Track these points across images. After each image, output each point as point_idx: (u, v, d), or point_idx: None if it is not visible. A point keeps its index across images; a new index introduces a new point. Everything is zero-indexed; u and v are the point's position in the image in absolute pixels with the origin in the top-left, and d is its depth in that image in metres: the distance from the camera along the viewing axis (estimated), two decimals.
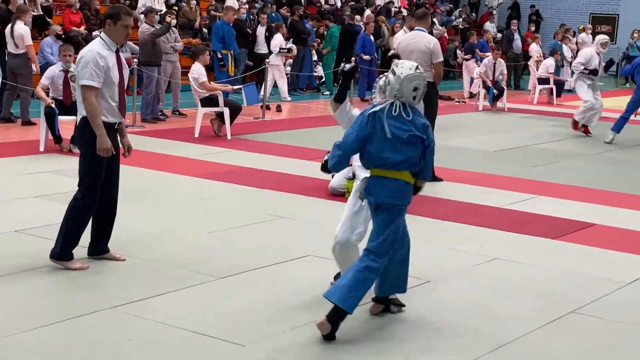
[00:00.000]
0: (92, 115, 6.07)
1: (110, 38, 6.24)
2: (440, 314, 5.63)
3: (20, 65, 12.77)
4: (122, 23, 6.23)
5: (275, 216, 7.93)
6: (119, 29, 6.23)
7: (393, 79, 5.17)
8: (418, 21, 10.22)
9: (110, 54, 6.19)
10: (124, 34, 6.28)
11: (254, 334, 5.09)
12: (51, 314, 5.23)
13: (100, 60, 6.07)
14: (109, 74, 6.13)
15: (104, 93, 6.14)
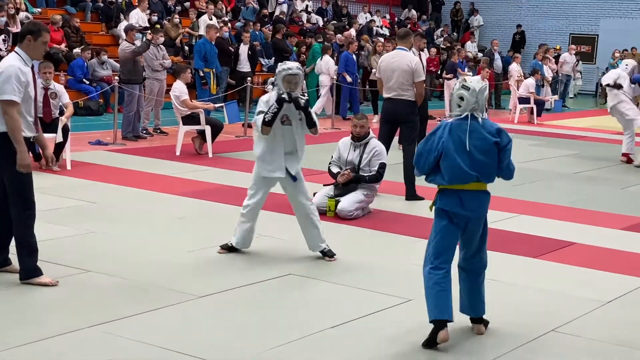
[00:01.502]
0: (13, 130, 6.04)
1: (28, 54, 6.26)
2: (420, 332, 5.61)
3: None
4: (42, 40, 6.30)
5: (257, 235, 7.89)
6: (39, 45, 6.30)
7: (468, 94, 5.36)
8: (400, 40, 10.26)
9: (28, 69, 6.22)
10: (42, 50, 6.37)
11: (236, 353, 5.06)
12: (29, 332, 5.17)
13: (21, 76, 6.10)
14: (27, 90, 6.17)
15: (21, 108, 6.13)
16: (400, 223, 8.80)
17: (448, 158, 5.37)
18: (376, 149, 9.10)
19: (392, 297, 6.26)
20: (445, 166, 5.40)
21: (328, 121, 17.61)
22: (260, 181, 7.16)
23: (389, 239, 8.13)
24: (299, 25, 25.16)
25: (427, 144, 5.48)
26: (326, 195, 8.98)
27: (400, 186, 10.01)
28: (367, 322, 5.75)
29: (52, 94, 10.85)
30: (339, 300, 6.22)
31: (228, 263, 6.97)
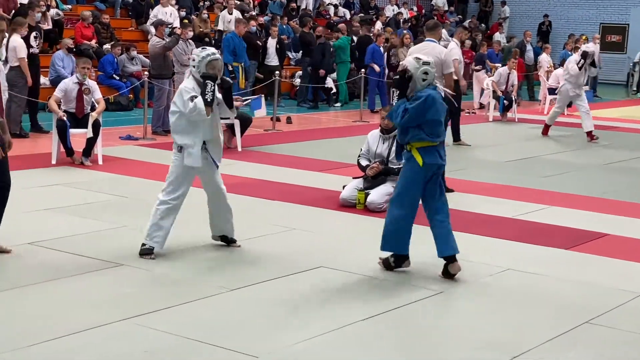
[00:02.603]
0: None
1: None
2: (452, 325, 5.62)
3: (15, 77, 12.78)
4: None
5: (286, 228, 7.93)
6: None
7: (430, 68, 6.55)
8: (429, 32, 10.23)
9: None
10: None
11: (267, 345, 5.09)
12: (63, 325, 5.23)
13: None
14: None
15: None
16: None
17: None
18: None
19: (422, 289, 6.26)
20: (433, 126, 6.46)
21: (357, 114, 17.60)
22: (185, 173, 6.89)
23: (419, 231, 8.06)
24: (326, 19, 25.14)
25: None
26: (355, 188, 8.99)
27: None
28: (398, 314, 5.75)
29: (86, 89, 10.94)
30: (369, 292, 6.22)
31: (258, 256, 7.00)
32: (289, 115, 16.77)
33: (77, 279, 6.17)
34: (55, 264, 6.50)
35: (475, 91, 21.02)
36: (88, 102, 11.00)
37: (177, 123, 6.82)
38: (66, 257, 6.67)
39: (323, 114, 18.42)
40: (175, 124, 6.83)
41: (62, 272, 6.28)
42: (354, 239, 7.71)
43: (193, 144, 6.80)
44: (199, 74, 6.76)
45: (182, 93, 6.77)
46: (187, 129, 6.79)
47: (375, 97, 18.77)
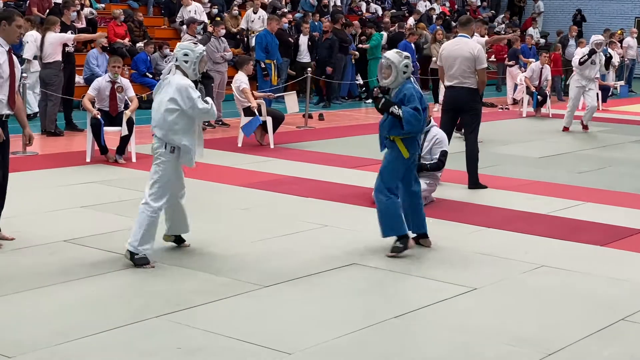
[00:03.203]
0: None
1: (4, 38, 6.76)
2: (486, 321, 5.58)
3: (50, 75, 12.91)
4: (16, 23, 6.78)
5: (319, 225, 7.93)
6: (13, 29, 6.78)
7: (409, 61, 7.11)
8: (462, 27, 10.18)
9: (2, 51, 6.74)
10: (17, 33, 6.85)
11: (300, 342, 5.10)
12: (98, 323, 5.28)
13: None
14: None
15: None
16: (463, 212, 8.74)
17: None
18: (437, 136, 9.05)
19: (456, 286, 6.23)
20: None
21: None
22: (176, 175, 6.60)
23: (452, 228, 8.08)
24: (358, 15, 25.09)
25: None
26: None
27: (463, 175, 9.94)
28: (431, 312, 5.73)
29: (119, 87, 11.02)
30: (403, 289, 6.21)
31: (292, 253, 7.01)
32: (321, 112, 16.77)
33: (111, 276, 6.22)
34: (90, 261, 6.55)
35: (508, 87, 20.88)
36: (121, 100, 11.09)
37: (176, 121, 6.42)
38: (101, 254, 6.72)
39: (355, 111, 18.40)
40: (174, 122, 6.42)
41: (96, 269, 6.34)
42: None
43: (191, 145, 6.52)
44: (193, 71, 6.51)
45: (188, 90, 6.40)
46: (185, 128, 6.48)
47: None
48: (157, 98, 6.55)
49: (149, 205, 6.43)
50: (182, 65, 6.51)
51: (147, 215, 6.40)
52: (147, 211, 6.41)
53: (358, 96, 20.24)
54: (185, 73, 6.51)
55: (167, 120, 6.40)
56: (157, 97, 6.56)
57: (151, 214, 6.41)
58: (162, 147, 6.45)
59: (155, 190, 6.45)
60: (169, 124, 6.41)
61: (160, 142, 6.46)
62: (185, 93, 6.39)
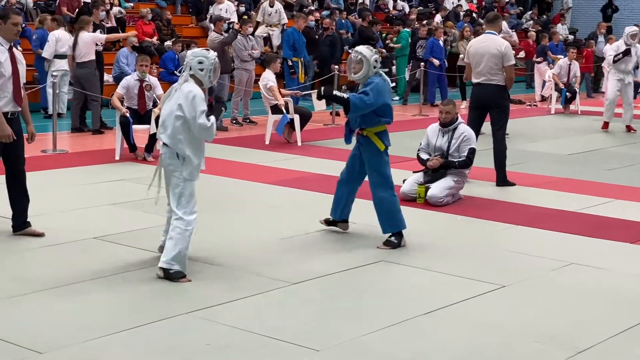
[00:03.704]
0: None
1: (2, 36, 6.86)
2: (516, 319, 5.56)
3: (87, 74, 13.02)
4: (12, 21, 6.87)
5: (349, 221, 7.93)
6: (9, 27, 6.87)
7: (378, 56, 7.14)
8: (489, 24, 10.14)
9: (2, 50, 6.85)
10: (14, 31, 6.92)
11: (328, 339, 5.11)
12: (129, 319, 5.32)
13: None
14: (0, 70, 6.77)
15: None
16: (491, 209, 8.71)
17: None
18: (465, 134, 9.03)
19: (484, 284, 6.21)
20: (386, 110, 7.07)
21: (416, 107, 17.54)
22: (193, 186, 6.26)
23: (480, 225, 8.06)
24: (385, 13, 25.05)
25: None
26: (416, 182, 8.95)
27: (491, 172, 9.90)
28: (460, 309, 5.72)
29: (147, 86, 11.10)
30: (431, 286, 6.20)
31: (320, 250, 7.03)
32: None
33: (141, 273, 6.26)
34: (120, 258, 6.61)
35: (536, 83, 20.73)
36: (150, 99, 11.16)
37: (179, 130, 6.09)
38: (130, 251, 6.78)
39: None
40: (178, 130, 6.08)
41: (126, 267, 6.39)
42: (415, 233, 7.67)
43: (195, 157, 6.16)
44: (208, 79, 6.21)
45: (195, 100, 6.05)
46: (190, 138, 6.13)
47: (435, 90, 18.65)
48: (167, 106, 6.20)
49: (183, 220, 6.11)
50: (197, 73, 6.19)
51: (181, 229, 6.09)
52: (182, 226, 6.10)
53: None
54: (200, 81, 6.21)
55: (173, 128, 6.09)
56: (166, 105, 6.23)
57: (186, 228, 6.11)
58: (173, 157, 6.13)
59: (184, 202, 6.15)
60: (174, 132, 6.09)
61: (169, 151, 6.13)
62: (192, 102, 6.04)
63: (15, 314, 5.37)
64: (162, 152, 6.25)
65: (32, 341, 4.90)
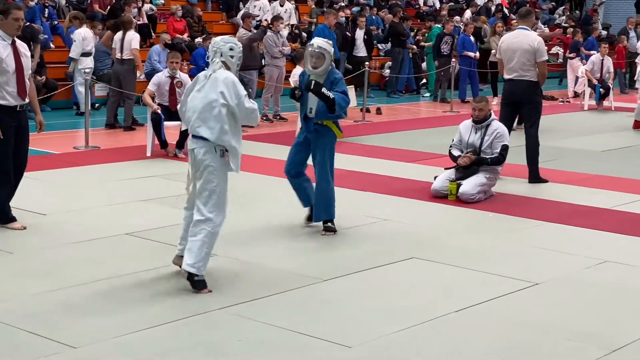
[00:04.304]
0: None
1: (4, 31, 6.93)
2: (549, 317, 5.52)
3: (126, 72, 13.14)
4: (12, 16, 6.93)
5: (378, 219, 7.92)
6: (10, 22, 6.93)
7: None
8: (521, 20, 10.06)
9: (5, 45, 6.92)
10: (15, 26, 6.97)
11: (360, 336, 5.10)
12: (162, 314, 5.34)
13: None
14: (2, 65, 6.86)
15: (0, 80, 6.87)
16: (524, 206, 8.65)
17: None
18: (498, 131, 8.97)
19: (516, 281, 6.17)
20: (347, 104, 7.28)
21: (447, 104, 17.46)
22: (226, 182, 5.94)
23: (513, 222, 8.01)
24: (416, 9, 24.96)
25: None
26: (447, 178, 8.91)
27: (523, 169, 9.83)
28: (492, 306, 5.68)
29: (178, 82, 11.14)
30: (462, 283, 6.17)
31: (352, 247, 7.01)
32: (378, 106, 16.73)
33: (174, 269, 6.28)
34: (152, 253, 6.64)
35: (569, 79, 20.56)
36: (180, 95, 11.19)
37: (226, 118, 5.74)
38: (161, 247, 6.80)
39: (413, 105, 18.31)
40: (224, 119, 5.72)
41: (158, 262, 6.41)
42: (446, 230, 7.65)
43: (239, 148, 5.87)
44: (237, 67, 5.93)
45: (236, 85, 5.78)
46: (234, 128, 5.82)
47: (466, 86, 18.56)
48: (199, 97, 5.81)
49: (211, 221, 5.77)
50: (228, 60, 5.87)
51: (208, 232, 5.76)
52: (209, 227, 5.76)
53: (416, 90, 20.13)
54: (229, 68, 5.88)
55: (217, 119, 5.70)
56: (197, 96, 5.83)
57: (213, 230, 5.78)
58: (210, 152, 5.74)
59: (213, 202, 5.79)
60: (219, 123, 5.69)
61: (207, 146, 5.73)
62: (233, 88, 5.75)
63: (49, 309, 5.41)
64: (196, 147, 5.81)
65: (67, 336, 4.94)
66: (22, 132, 7.11)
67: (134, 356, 4.75)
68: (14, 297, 5.62)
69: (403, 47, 19.27)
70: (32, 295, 5.65)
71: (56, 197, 8.48)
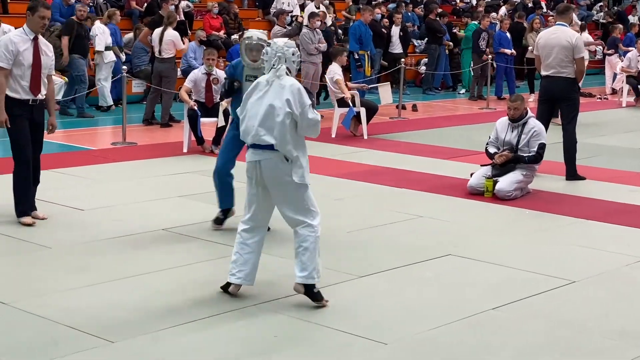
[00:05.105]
0: None
1: (29, 27, 7.10)
2: (586, 315, 5.47)
3: (168, 69, 13.26)
4: (39, 14, 7.04)
5: (414, 215, 7.90)
6: (36, 20, 7.07)
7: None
8: (559, 16, 9.97)
9: (25, 39, 7.07)
10: (40, 23, 7.10)
11: (396, 332, 5.09)
12: (198, 310, 5.37)
13: (10, 45, 7.00)
14: (19, 58, 6.99)
15: (14, 73, 7.02)
16: (561, 203, 8.58)
17: None
18: (535, 129, 8.89)
19: (554, 279, 6.12)
20: None
21: (483, 101, 17.35)
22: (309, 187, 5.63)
23: (549, 220, 7.94)
24: (452, 5, 24.82)
25: None
26: (483, 175, 8.85)
27: (560, 166, 9.74)
28: (529, 304, 5.64)
29: (214, 79, 11.19)
30: (499, 281, 6.13)
31: (387, 243, 7.00)
32: (414, 102, 16.68)
33: (209, 264, 6.33)
34: (189, 249, 6.68)
35: (607, 76, 20.34)
36: (217, 92, 11.25)
37: (290, 127, 5.40)
38: (198, 243, 6.85)
39: (448, 101, 18.23)
40: (288, 127, 5.39)
41: (195, 258, 6.45)
42: (483, 227, 7.61)
43: (304, 160, 5.51)
44: (295, 71, 5.59)
45: (301, 93, 5.42)
46: (294, 135, 5.46)
47: (502, 83, 18.43)
48: (261, 102, 5.43)
49: (312, 227, 5.49)
50: (291, 66, 5.50)
51: (313, 238, 5.48)
52: (313, 233, 5.48)
53: (452, 87, 20.03)
54: (290, 74, 5.52)
55: (282, 127, 5.35)
56: (258, 100, 5.46)
57: (316, 234, 5.50)
58: (282, 160, 5.39)
59: (307, 207, 5.51)
60: (282, 132, 5.36)
61: (275, 156, 5.39)
62: (299, 96, 5.38)
63: (87, 304, 5.47)
64: (262, 159, 5.40)
65: (104, 330, 4.99)
66: (36, 127, 7.19)
67: (170, 350, 4.78)
68: (53, 291, 5.69)
69: (439, 44, 19.18)
70: (71, 290, 5.72)
71: (94, 193, 8.57)
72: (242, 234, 5.61)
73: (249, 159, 5.49)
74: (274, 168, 5.39)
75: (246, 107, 5.52)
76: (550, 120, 9.93)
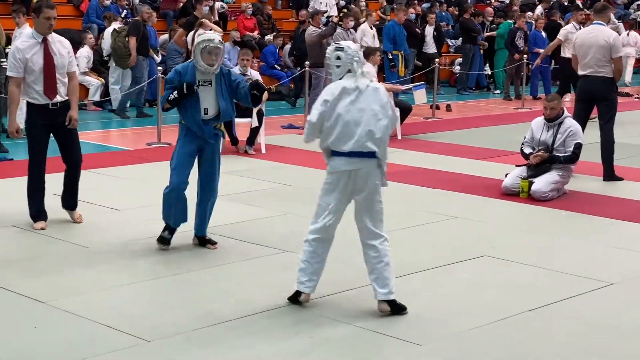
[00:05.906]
0: (8, 100, 7.09)
1: (36, 29, 6.97)
2: (623, 318, 5.41)
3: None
4: (44, 15, 6.90)
5: (448, 216, 7.86)
6: (42, 21, 6.95)
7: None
8: (597, 15, 9.87)
9: (33, 43, 6.92)
10: (46, 24, 6.94)
11: (431, 333, 5.07)
12: (231, 310, 5.39)
13: (17, 53, 6.90)
14: (28, 64, 6.87)
15: (27, 79, 6.92)
16: (598, 204, 8.49)
17: None
18: (571, 128, 8.81)
19: (591, 281, 6.06)
20: None
21: (518, 100, 17.23)
22: None
23: (586, 221, 7.86)
24: (487, 4, 24.67)
25: None
26: (519, 176, 8.79)
27: (598, 166, 9.64)
28: (566, 306, 5.59)
29: (248, 79, 11.19)
30: (536, 282, 6.08)
31: (420, 244, 6.97)
32: (448, 102, 16.61)
33: (243, 265, 6.35)
34: (222, 249, 6.70)
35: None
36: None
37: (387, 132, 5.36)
38: (232, 243, 6.86)
39: (483, 102, 18.13)
40: (386, 132, 5.34)
41: (228, 258, 6.48)
42: (518, 228, 7.56)
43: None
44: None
45: (388, 97, 5.46)
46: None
47: (538, 83, 18.29)
48: (356, 107, 5.22)
49: (388, 240, 5.45)
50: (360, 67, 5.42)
51: (389, 251, 5.41)
52: (389, 247, 5.43)
53: (486, 87, 19.92)
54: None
55: (383, 132, 5.26)
56: (351, 106, 5.22)
57: (389, 247, 5.44)
58: (376, 170, 5.32)
59: (381, 218, 5.48)
60: (384, 139, 5.27)
61: (372, 164, 5.29)
62: (388, 100, 5.31)
63: (123, 303, 5.52)
64: (361, 167, 5.27)
65: (141, 330, 5.02)
66: (61, 129, 7.04)
67: (207, 350, 4.80)
68: (90, 290, 5.75)
69: (473, 44, 19.08)
70: (107, 289, 5.77)
71: (130, 193, 8.63)
72: (312, 242, 5.45)
73: (343, 168, 5.24)
74: (370, 175, 5.27)
75: (336, 113, 5.21)
76: (587, 120, 9.84)
